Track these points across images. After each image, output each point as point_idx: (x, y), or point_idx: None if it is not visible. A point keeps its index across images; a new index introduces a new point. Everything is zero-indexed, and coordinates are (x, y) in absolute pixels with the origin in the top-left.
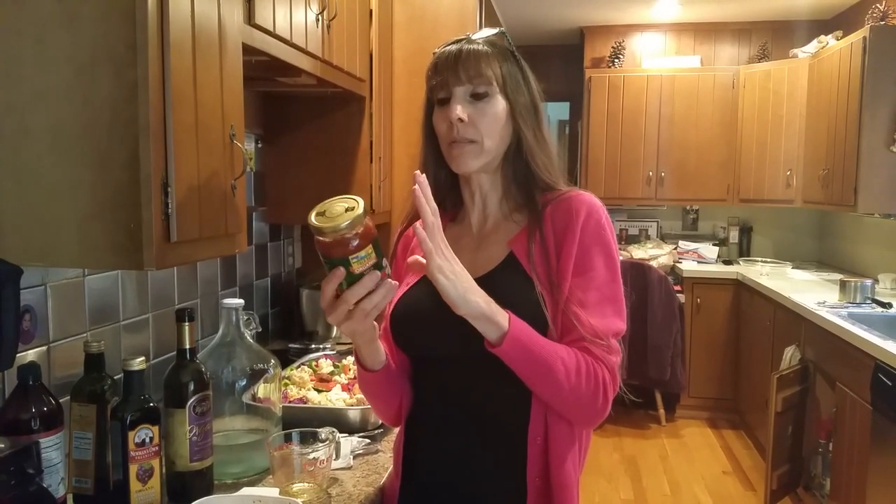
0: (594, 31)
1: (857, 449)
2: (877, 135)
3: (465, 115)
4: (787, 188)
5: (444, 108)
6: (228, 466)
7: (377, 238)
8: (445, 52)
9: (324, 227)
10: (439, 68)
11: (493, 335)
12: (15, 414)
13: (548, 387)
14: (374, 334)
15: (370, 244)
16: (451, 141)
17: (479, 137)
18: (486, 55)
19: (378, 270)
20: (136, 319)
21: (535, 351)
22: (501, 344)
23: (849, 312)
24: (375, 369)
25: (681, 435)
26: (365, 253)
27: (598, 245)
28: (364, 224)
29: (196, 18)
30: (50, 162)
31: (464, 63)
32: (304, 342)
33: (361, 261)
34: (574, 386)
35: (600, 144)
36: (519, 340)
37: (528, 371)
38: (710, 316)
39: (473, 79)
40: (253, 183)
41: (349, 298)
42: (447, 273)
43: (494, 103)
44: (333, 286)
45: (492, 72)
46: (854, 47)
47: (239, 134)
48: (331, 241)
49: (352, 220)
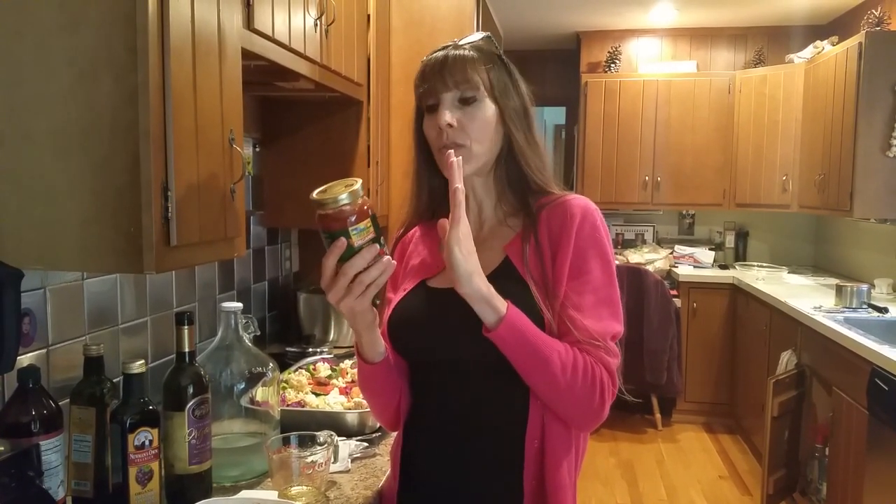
0: (590, 36)
1: (854, 454)
2: (872, 140)
3: (454, 120)
4: (784, 193)
5: (433, 115)
6: (227, 469)
7: (375, 216)
8: (432, 60)
9: (325, 199)
10: (426, 76)
11: (491, 319)
12: (15, 417)
13: (543, 379)
14: (372, 318)
15: (368, 219)
16: (440, 147)
17: (468, 142)
18: (473, 60)
19: (377, 245)
20: (135, 323)
21: (530, 340)
22: (498, 328)
23: (845, 317)
24: (375, 361)
25: (677, 439)
26: (364, 226)
27: (594, 248)
28: (362, 198)
29: (196, 23)
30: (50, 166)
31: (450, 69)
32: (301, 346)
33: (360, 233)
34: (570, 382)
35: (596, 149)
36: (515, 326)
37: (524, 360)
38: (706, 320)
39: (460, 84)
40: (251, 187)
41: (348, 271)
42: (463, 248)
43: (483, 108)
44: (334, 259)
45: (479, 77)
46: (850, 52)
47: (238, 138)
48: (331, 212)
49: (350, 193)
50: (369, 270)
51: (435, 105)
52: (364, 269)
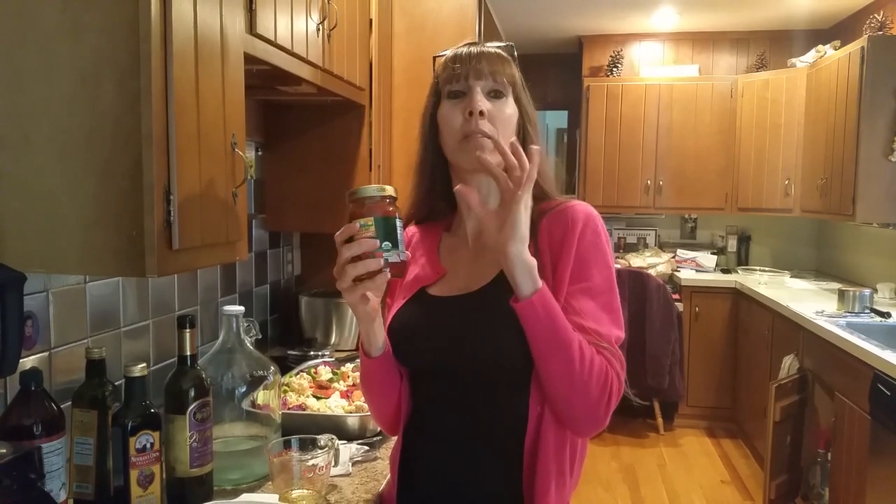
0: (593, 40)
1: (856, 459)
2: (875, 144)
3: (487, 108)
4: (786, 197)
5: (459, 101)
6: (228, 472)
7: (393, 221)
8: (463, 50)
9: (356, 190)
10: (459, 60)
11: (528, 287)
12: (17, 419)
13: (560, 367)
14: (366, 312)
15: (371, 219)
16: (466, 134)
17: (495, 134)
18: (505, 59)
19: (376, 243)
20: (137, 326)
21: (557, 320)
22: (532, 297)
23: (847, 322)
24: (373, 355)
25: (679, 444)
26: (364, 222)
27: (595, 255)
28: (381, 200)
29: (199, 28)
30: (53, 170)
31: (487, 59)
32: (302, 349)
33: (363, 228)
34: (586, 376)
35: (598, 153)
36: (547, 300)
37: (546, 340)
38: (708, 325)
39: (496, 76)
40: (253, 191)
41: (344, 252)
42: (523, 210)
43: (509, 105)
44: (340, 239)
45: (509, 74)
46: (852, 57)
47: (240, 142)
48: (354, 201)
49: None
50: (356, 264)
51: (461, 92)
52: (351, 261)
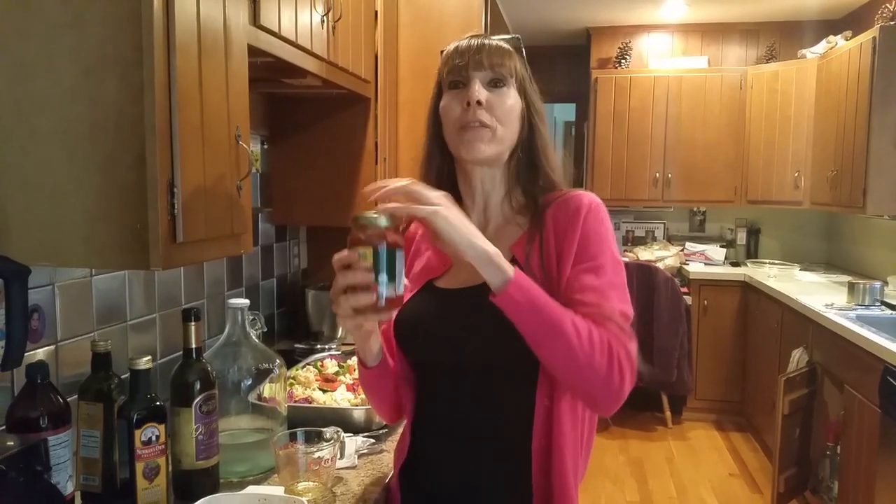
0: (601, 32)
1: (866, 452)
2: (886, 136)
3: (484, 98)
4: (795, 189)
5: (459, 92)
6: (234, 465)
7: (394, 252)
8: (466, 43)
9: (358, 216)
10: (459, 53)
11: (498, 280)
12: (24, 412)
13: (557, 350)
14: (363, 334)
15: (370, 249)
16: (464, 124)
17: (494, 124)
18: (507, 51)
19: (377, 278)
20: (143, 319)
21: (541, 304)
22: (507, 288)
23: (857, 315)
24: (368, 366)
25: (687, 437)
26: (362, 251)
27: (599, 237)
28: (381, 230)
29: (202, 20)
30: (57, 163)
31: (487, 52)
32: (309, 342)
33: (364, 257)
34: (588, 352)
35: (606, 145)
36: (524, 288)
37: (535, 326)
38: (717, 318)
39: (495, 66)
40: (259, 184)
41: (340, 279)
42: (452, 219)
43: (511, 94)
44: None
45: (511, 65)
46: (863, 47)
47: (244, 135)
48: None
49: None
50: (348, 297)
51: (461, 82)
52: (345, 291)
